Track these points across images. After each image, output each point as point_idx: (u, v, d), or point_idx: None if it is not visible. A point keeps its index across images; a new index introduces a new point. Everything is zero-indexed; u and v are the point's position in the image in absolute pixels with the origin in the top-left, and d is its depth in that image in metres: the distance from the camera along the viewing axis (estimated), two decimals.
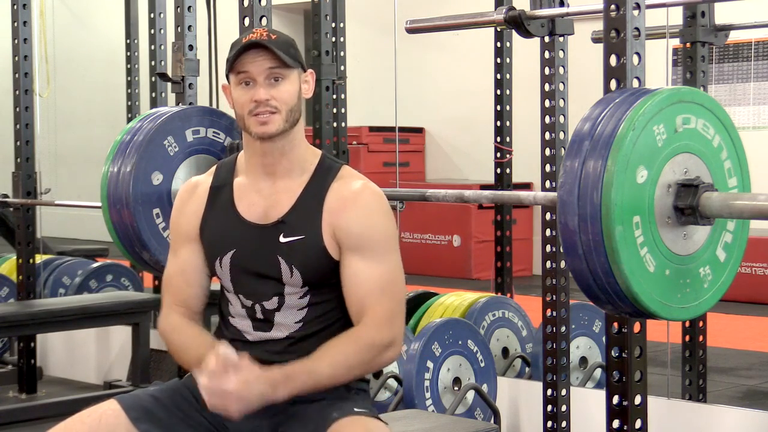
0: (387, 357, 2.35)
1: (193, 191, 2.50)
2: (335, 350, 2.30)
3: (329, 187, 2.39)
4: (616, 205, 2.23)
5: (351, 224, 2.35)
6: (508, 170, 4.83)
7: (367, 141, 9.22)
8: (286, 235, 2.36)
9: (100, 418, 2.32)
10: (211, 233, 2.44)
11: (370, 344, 2.31)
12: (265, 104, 2.32)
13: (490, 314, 4.42)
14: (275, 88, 2.33)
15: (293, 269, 2.36)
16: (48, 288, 5.68)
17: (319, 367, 2.28)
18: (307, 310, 2.39)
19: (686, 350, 4.13)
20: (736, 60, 7.96)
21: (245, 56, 2.33)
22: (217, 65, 5.24)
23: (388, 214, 2.39)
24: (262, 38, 2.32)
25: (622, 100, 2.33)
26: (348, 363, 2.30)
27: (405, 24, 3.84)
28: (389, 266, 2.36)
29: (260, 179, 2.42)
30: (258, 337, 2.40)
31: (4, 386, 5.16)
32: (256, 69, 2.32)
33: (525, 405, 4.00)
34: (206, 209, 2.46)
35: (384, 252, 2.36)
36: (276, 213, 2.39)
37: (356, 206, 2.36)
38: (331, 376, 2.29)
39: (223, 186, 2.46)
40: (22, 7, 5.01)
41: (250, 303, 2.40)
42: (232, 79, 2.36)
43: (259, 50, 2.32)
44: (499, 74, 4.79)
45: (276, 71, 2.33)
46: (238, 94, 2.35)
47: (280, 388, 2.24)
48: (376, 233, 2.36)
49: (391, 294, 2.35)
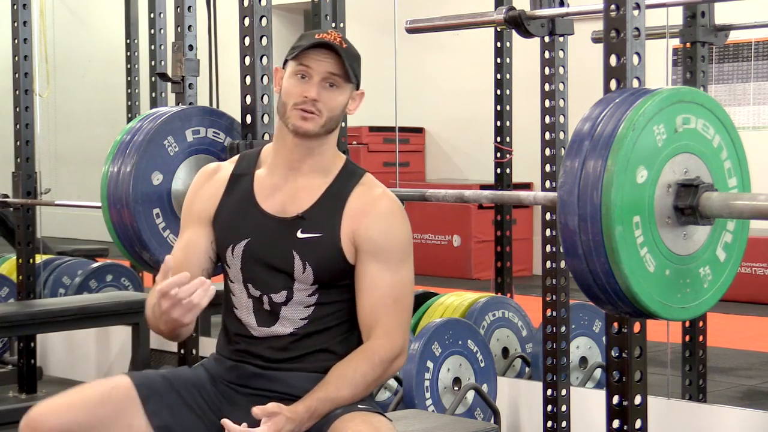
0: (397, 366, 2.40)
1: (212, 175, 2.51)
2: (353, 371, 2.34)
3: (351, 190, 2.41)
4: (616, 205, 2.23)
5: (371, 230, 2.38)
6: (508, 170, 4.83)
7: (367, 141, 9.22)
8: (304, 231, 2.39)
9: (111, 390, 2.35)
10: (226, 220, 2.45)
11: (384, 359, 2.36)
12: (312, 103, 2.35)
13: (490, 314, 4.42)
14: (327, 93, 2.36)
15: (306, 265, 2.37)
16: (48, 288, 5.68)
17: (340, 393, 2.32)
18: (314, 308, 2.40)
19: (686, 350, 4.13)
20: (736, 60, 7.95)
21: (313, 51, 2.35)
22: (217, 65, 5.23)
23: (405, 224, 2.43)
24: (335, 42, 2.35)
25: (622, 100, 2.33)
26: (366, 381, 2.35)
27: (405, 24, 3.85)
28: (403, 276, 2.40)
29: (283, 173, 2.43)
30: (262, 333, 2.41)
31: (4, 386, 5.16)
32: (318, 68, 2.35)
33: (525, 405, 4.00)
34: (224, 195, 2.47)
35: (400, 261, 2.40)
36: (295, 208, 2.40)
37: (377, 213, 2.39)
38: (352, 397, 2.34)
39: (244, 175, 2.47)
40: (22, 7, 5.01)
41: (258, 293, 2.41)
42: (291, 66, 2.38)
43: (329, 52, 2.35)
44: (499, 74, 4.79)
45: (334, 78, 2.36)
46: (291, 83, 2.37)
47: (305, 423, 2.28)
48: (395, 242, 2.39)
49: (403, 304, 2.40)
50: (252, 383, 2.41)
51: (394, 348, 2.36)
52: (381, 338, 2.36)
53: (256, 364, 2.41)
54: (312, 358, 2.40)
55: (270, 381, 2.40)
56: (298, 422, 2.27)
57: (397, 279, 2.38)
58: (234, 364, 2.43)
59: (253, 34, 3.37)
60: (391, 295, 2.37)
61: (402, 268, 2.40)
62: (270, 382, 2.40)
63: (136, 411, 2.34)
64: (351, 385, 2.33)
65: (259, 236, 2.41)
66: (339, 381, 2.33)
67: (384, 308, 2.36)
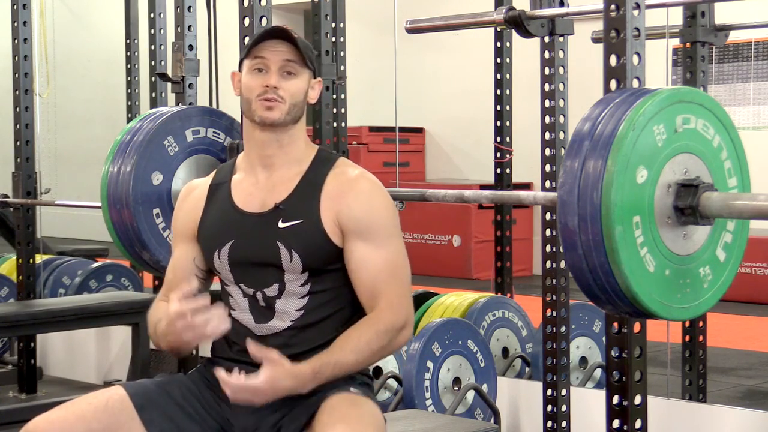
0: (403, 337, 2.39)
1: (189, 193, 2.56)
2: (357, 337, 2.34)
3: (327, 174, 2.43)
4: (616, 205, 2.23)
5: (353, 209, 2.39)
6: (508, 170, 4.83)
7: (367, 141, 9.22)
8: (284, 220, 2.40)
9: (106, 402, 2.35)
10: (209, 228, 2.48)
11: (389, 328, 2.35)
12: (273, 91, 2.38)
13: (490, 314, 4.42)
14: (286, 81, 2.39)
15: (293, 253, 2.38)
16: (48, 288, 5.68)
17: (344, 356, 2.31)
18: (308, 298, 2.40)
19: (686, 350, 4.13)
20: (736, 60, 7.95)
21: (266, 43, 2.39)
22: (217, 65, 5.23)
23: (387, 199, 2.44)
24: (285, 32, 2.39)
25: (622, 100, 2.33)
26: (371, 348, 2.34)
27: (405, 24, 3.85)
28: (394, 249, 2.40)
29: (258, 172, 2.46)
30: (261, 330, 2.41)
31: (4, 386, 5.16)
32: (274, 58, 2.39)
33: (525, 405, 4.00)
34: (204, 207, 2.50)
35: (388, 236, 2.40)
36: (273, 201, 2.42)
37: (355, 191, 2.40)
38: (357, 363, 2.34)
39: (222, 184, 2.51)
40: (22, 7, 5.01)
41: (251, 291, 2.42)
42: (247, 64, 2.42)
43: (281, 41, 2.39)
44: (499, 74, 4.79)
45: (291, 65, 2.40)
46: (249, 78, 2.40)
47: (308, 383, 2.28)
48: (379, 217, 2.40)
49: (400, 277, 2.40)
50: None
51: (398, 318, 2.36)
52: (384, 310, 2.36)
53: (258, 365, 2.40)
54: (314, 353, 2.38)
55: None
56: (301, 380, 2.26)
57: (389, 253, 2.39)
58: (235, 366, 2.41)
59: (253, 34, 3.36)
60: (386, 270, 2.38)
61: (391, 242, 2.40)
62: None
63: (132, 422, 2.34)
64: (355, 351, 2.32)
65: (242, 236, 2.42)
66: (344, 345, 2.32)
67: (383, 283, 2.37)
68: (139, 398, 2.36)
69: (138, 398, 2.36)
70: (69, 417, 2.32)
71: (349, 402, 2.32)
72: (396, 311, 2.36)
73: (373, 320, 2.36)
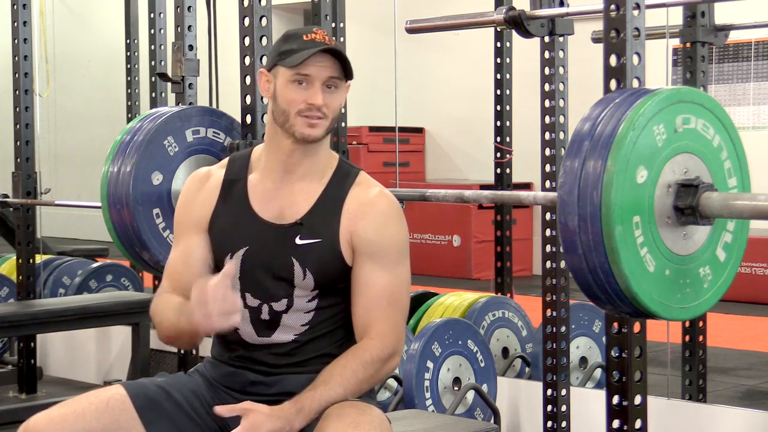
0: (390, 367, 2.37)
1: (204, 181, 2.48)
2: (344, 370, 2.32)
3: (348, 192, 2.39)
4: (616, 205, 2.23)
5: (368, 230, 2.36)
6: (508, 170, 4.83)
7: (367, 141, 9.22)
8: (302, 237, 2.36)
9: (107, 401, 2.33)
10: (223, 227, 2.42)
11: (375, 359, 2.33)
12: (318, 109, 2.32)
13: (490, 314, 4.42)
14: (330, 96, 2.34)
15: (306, 272, 2.35)
16: (48, 288, 5.68)
17: (331, 391, 2.29)
18: (314, 313, 2.39)
19: (686, 350, 4.13)
20: (736, 60, 7.95)
21: (311, 58, 2.31)
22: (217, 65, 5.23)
23: (402, 224, 2.41)
24: (330, 44, 2.33)
25: (622, 100, 2.32)
26: (357, 380, 2.32)
27: (405, 24, 3.85)
28: (399, 276, 2.38)
29: (277, 178, 2.40)
30: (263, 342, 2.39)
31: (4, 386, 5.16)
32: (319, 74, 2.32)
33: (525, 405, 4.00)
34: (218, 201, 2.44)
35: (396, 261, 2.38)
36: (293, 214, 2.38)
37: (374, 213, 2.37)
38: (345, 394, 2.31)
39: (237, 180, 2.44)
40: (22, 7, 5.01)
41: (257, 303, 2.39)
42: (286, 73, 2.34)
43: (325, 55, 2.33)
44: (499, 74, 4.79)
45: (335, 80, 2.34)
46: (290, 91, 2.33)
47: (295, 421, 2.25)
48: (391, 242, 2.38)
49: (398, 305, 2.38)
50: (252, 389, 2.39)
51: (385, 348, 2.34)
52: (373, 339, 2.34)
53: (258, 371, 2.39)
54: (314, 361, 2.38)
55: (269, 386, 2.39)
56: (286, 419, 2.24)
57: (393, 279, 2.37)
58: (234, 370, 2.41)
59: (253, 34, 3.37)
60: (386, 296, 2.36)
61: (398, 269, 2.38)
62: (269, 386, 2.39)
63: (132, 421, 2.33)
64: (342, 383, 2.30)
65: (257, 244, 2.38)
66: (328, 378, 2.30)
67: (378, 309, 2.35)
68: (140, 399, 2.35)
69: (139, 399, 2.35)
70: (69, 415, 2.31)
71: (357, 409, 2.30)
72: (385, 341, 2.34)
73: (360, 350, 2.34)
